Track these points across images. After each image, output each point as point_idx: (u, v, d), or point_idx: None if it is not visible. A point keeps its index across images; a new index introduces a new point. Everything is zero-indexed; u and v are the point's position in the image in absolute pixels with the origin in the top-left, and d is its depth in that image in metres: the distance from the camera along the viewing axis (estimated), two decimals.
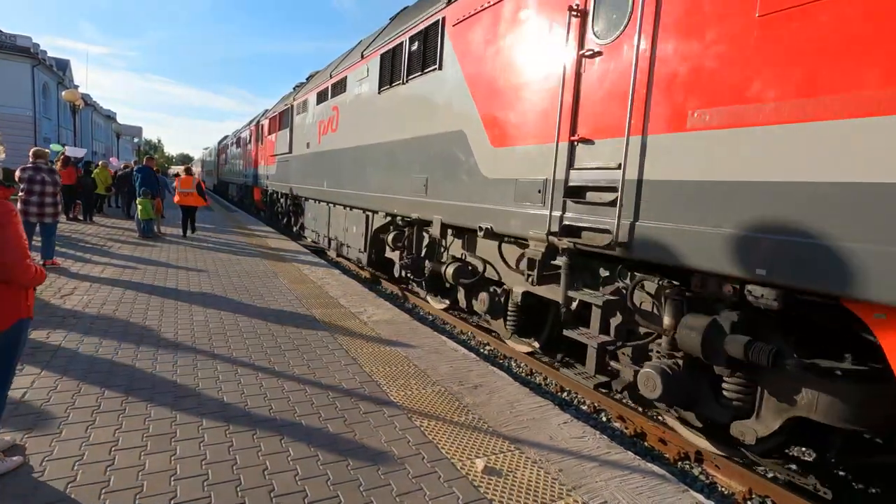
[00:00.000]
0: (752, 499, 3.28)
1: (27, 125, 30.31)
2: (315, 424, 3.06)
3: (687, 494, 2.63)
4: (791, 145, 2.66)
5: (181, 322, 4.94)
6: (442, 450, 2.87)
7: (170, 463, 2.54)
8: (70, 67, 40.67)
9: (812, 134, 2.58)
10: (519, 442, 3.04)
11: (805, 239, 2.60)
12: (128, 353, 4.00)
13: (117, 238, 10.48)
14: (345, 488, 2.44)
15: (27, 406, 3.02)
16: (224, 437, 2.83)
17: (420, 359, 4.40)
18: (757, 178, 2.81)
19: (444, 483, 2.55)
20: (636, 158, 3.46)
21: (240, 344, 4.42)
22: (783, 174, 2.70)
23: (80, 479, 2.36)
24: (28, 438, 2.66)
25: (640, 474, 2.78)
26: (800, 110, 2.62)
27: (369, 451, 2.80)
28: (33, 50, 31.25)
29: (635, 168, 3.47)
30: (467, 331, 6.53)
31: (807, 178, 2.61)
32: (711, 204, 3.03)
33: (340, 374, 3.91)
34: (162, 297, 5.82)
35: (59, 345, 4.06)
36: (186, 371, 3.74)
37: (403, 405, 3.43)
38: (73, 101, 17.48)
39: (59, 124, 35.94)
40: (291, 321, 5.26)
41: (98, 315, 4.95)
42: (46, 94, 33.77)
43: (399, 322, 5.58)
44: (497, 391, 3.81)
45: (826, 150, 2.53)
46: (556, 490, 2.57)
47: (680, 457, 3.73)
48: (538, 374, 5.29)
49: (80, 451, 2.58)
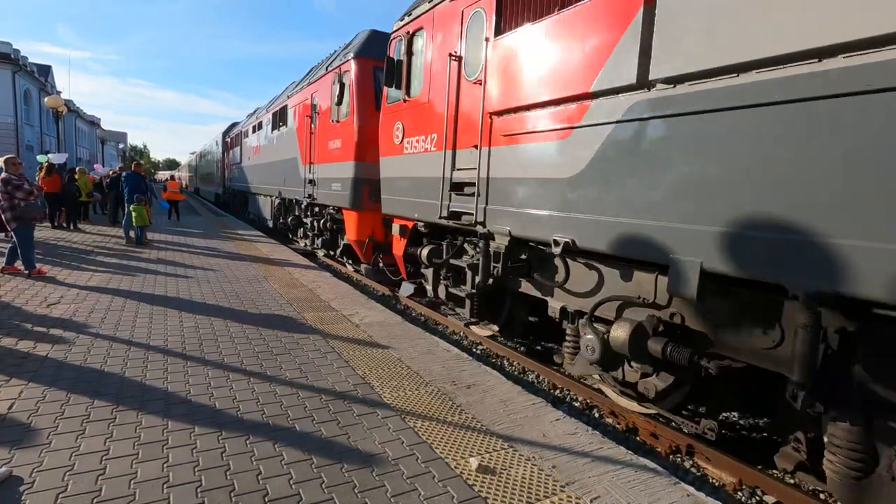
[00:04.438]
0: (742, 489, 3.34)
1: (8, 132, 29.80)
2: (308, 428, 3.05)
3: (679, 487, 2.67)
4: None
5: (171, 329, 4.90)
6: (436, 450, 2.88)
7: (162, 470, 2.52)
8: (52, 73, 40.02)
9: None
10: (512, 440, 3.06)
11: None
12: (117, 362, 3.96)
13: (104, 245, 10.35)
14: (339, 491, 2.44)
15: (15, 418, 2.98)
16: (217, 442, 2.82)
17: (413, 360, 4.41)
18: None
19: (439, 483, 2.56)
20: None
21: (231, 349, 4.40)
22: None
23: (71, 490, 2.33)
24: (16, 451, 2.62)
25: (633, 468, 2.82)
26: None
27: (363, 453, 2.80)
28: (14, 56, 30.73)
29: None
30: (459, 331, 6.55)
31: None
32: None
33: (333, 377, 3.90)
34: (151, 304, 5.76)
35: (47, 355, 4.01)
36: (177, 378, 3.71)
37: (397, 406, 3.43)
38: (56, 107, 17.22)
39: (43, 131, 35.39)
40: (283, 325, 5.24)
41: (86, 323, 4.90)
42: (28, 101, 33.24)
43: (391, 324, 5.58)
44: (490, 390, 3.83)
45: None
46: (550, 486, 2.60)
47: (671, 450, 3.77)
48: (531, 372, 5.33)
49: (70, 462, 2.55)
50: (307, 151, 11.01)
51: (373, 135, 7.93)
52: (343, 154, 9.00)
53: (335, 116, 9.25)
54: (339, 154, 9.18)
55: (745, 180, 2.71)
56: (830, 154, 2.37)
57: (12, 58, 30.43)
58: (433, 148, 5.90)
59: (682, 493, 2.61)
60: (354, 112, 8.59)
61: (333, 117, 9.35)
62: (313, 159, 10.64)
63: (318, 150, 10.42)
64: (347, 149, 8.81)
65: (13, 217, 6.78)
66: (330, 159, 9.65)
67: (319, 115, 10.45)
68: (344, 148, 8.99)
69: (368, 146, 8.28)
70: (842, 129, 2.33)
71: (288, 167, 12.77)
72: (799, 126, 2.47)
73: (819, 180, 2.41)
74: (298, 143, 11.85)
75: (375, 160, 7.75)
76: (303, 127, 11.42)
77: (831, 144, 2.36)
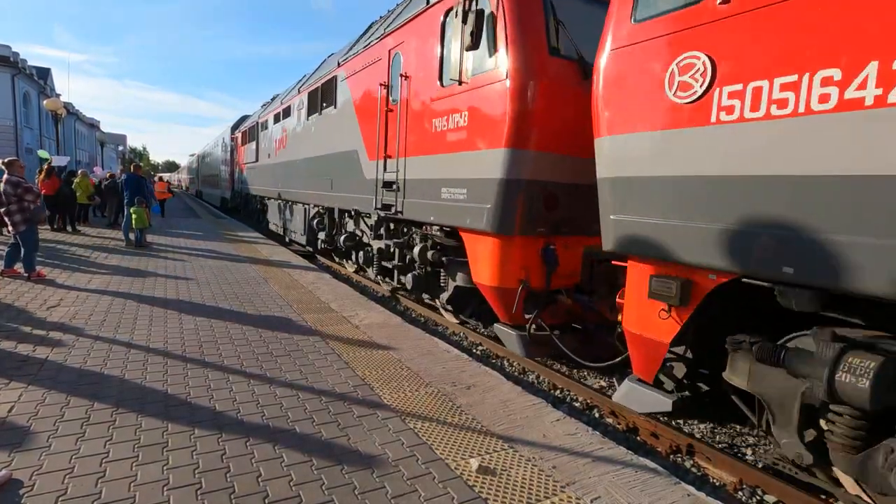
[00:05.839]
0: (743, 489, 3.34)
1: (8, 135, 29.83)
2: (308, 430, 3.05)
3: (679, 487, 2.67)
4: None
5: (171, 331, 4.90)
6: (436, 451, 2.88)
7: (162, 473, 2.52)
8: (51, 76, 40.07)
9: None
10: (513, 440, 3.06)
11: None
12: (117, 364, 3.96)
13: (103, 248, 10.35)
14: (339, 492, 2.44)
15: (14, 421, 2.98)
16: (217, 445, 2.82)
17: (413, 361, 4.41)
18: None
19: (439, 484, 2.56)
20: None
21: (231, 351, 4.39)
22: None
23: (71, 493, 2.33)
24: (16, 453, 2.62)
25: (633, 468, 2.81)
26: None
27: (363, 454, 2.80)
28: (13, 59, 30.80)
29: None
30: (459, 331, 6.55)
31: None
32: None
33: (333, 378, 3.90)
34: (150, 306, 5.76)
35: (47, 358, 4.01)
36: (177, 380, 3.71)
37: (397, 408, 3.43)
38: (56, 110, 17.22)
39: (42, 134, 35.44)
40: (283, 327, 5.24)
41: (85, 326, 4.89)
42: (28, 104, 33.30)
43: (391, 325, 5.58)
44: (490, 391, 3.83)
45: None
46: (550, 487, 2.60)
47: (672, 450, 3.77)
48: (531, 372, 5.33)
49: (70, 465, 2.55)
50: (380, 140, 7.27)
51: (552, 101, 4.80)
52: (478, 138, 5.23)
53: (453, 75, 5.19)
54: (466, 139, 5.41)
55: None
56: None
57: (11, 60, 30.50)
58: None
59: (683, 493, 2.61)
60: (514, 57, 4.78)
61: (450, 77, 5.30)
62: (398, 151, 6.77)
63: (407, 137, 6.59)
64: (490, 128, 5.03)
65: (23, 220, 6.78)
66: (435, 149, 5.96)
67: (409, 80, 6.57)
68: (479, 128, 5.20)
69: (541, 122, 4.79)
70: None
71: (338, 165, 9.23)
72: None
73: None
74: (361, 128, 8.19)
75: (555, 148, 4.85)
76: (371, 104, 7.73)
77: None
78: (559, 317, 5.45)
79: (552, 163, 4.89)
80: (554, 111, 4.79)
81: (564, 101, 4.83)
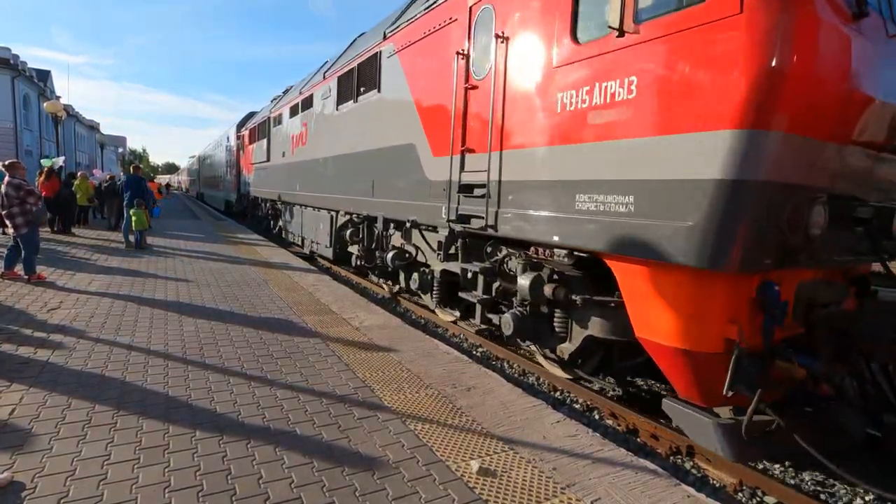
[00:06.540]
0: (743, 490, 3.34)
1: (8, 137, 29.85)
2: (309, 432, 3.06)
3: (679, 488, 2.68)
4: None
5: (171, 333, 4.90)
6: (436, 452, 2.88)
7: (163, 475, 2.53)
8: (51, 78, 40.10)
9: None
10: (513, 442, 3.07)
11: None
12: (117, 367, 3.96)
13: (104, 250, 10.35)
14: (340, 494, 2.45)
15: (16, 423, 2.98)
16: (218, 447, 2.82)
17: (413, 362, 4.42)
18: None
19: (440, 485, 2.56)
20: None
21: (231, 353, 4.40)
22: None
23: (73, 495, 2.34)
24: (18, 456, 2.63)
25: (633, 470, 2.82)
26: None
27: (364, 456, 2.81)
28: (13, 61, 30.82)
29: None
30: (459, 333, 6.56)
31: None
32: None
33: (334, 380, 3.91)
34: (151, 308, 5.76)
35: (48, 360, 4.01)
36: (178, 382, 3.71)
37: (397, 409, 3.44)
38: (56, 112, 17.22)
39: (42, 136, 35.44)
40: (283, 329, 5.24)
41: (86, 328, 4.90)
42: (28, 106, 33.31)
43: (391, 327, 5.59)
44: (490, 392, 3.84)
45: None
46: (551, 488, 2.60)
47: (672, 451, 3.78)
48: (531, 374, 5.33)
49: (71, 467, 2.56)
50: (455, 129, 5.47)
51: (826, 54, 3.00)
52: (665, 116, 3.24)
53: (611, 21, 3.39)
54: (634, 119, 3.45)
55: None
56: None
57: (11, 63, 30.52)
58: None
59: (683, 495, 2.62)
60: None
61: (605, 24, 3.58)
62: (490, 142, 4.89)
63: (505, 122, 4.76)
64: (697, 98, 3.05)
65: (25, 222, 6.79)
66: (563, 138, 4.09)
67: (509, 43, 4.73)
68: (669, 99, 3.21)
69: (806, 88, 2.90)
70: None
71: (383, 163, 7.34)
72: None
73: None
74: (421, 115, 6.35)
75: (817, 132, 3.05)
76: (438, 82, 5.93)
77: None
78: (773, 390, 3.31)
79: (810, 154, 3.09)
80: (826, 70, 3.00)
81: (840, 53, 3.07)
